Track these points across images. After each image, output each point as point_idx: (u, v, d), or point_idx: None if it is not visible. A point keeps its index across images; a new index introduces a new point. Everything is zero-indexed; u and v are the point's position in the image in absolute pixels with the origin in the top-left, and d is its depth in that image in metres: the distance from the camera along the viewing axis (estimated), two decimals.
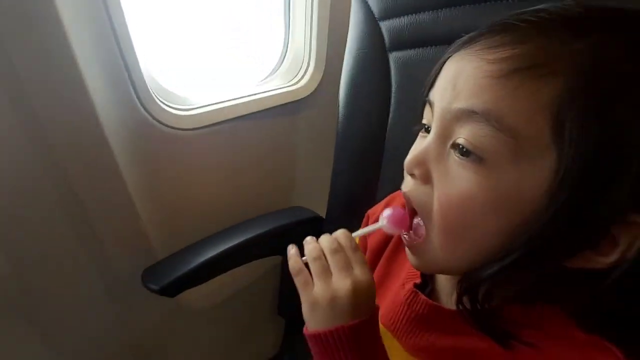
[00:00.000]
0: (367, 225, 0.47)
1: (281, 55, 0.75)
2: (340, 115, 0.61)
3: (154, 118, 0.55)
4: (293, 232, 0.67)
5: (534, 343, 0.27)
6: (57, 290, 0.50)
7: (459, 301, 0.29)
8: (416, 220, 0.31)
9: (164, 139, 0.56)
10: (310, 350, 0.60)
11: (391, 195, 0.47)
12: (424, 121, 0.31)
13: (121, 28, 0.47)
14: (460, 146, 0.25)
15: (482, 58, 0.25)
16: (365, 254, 0.45)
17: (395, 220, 0.32)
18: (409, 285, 0.36)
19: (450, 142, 0.27)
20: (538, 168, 0.23)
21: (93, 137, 0.49)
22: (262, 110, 0.67)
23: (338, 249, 0.31)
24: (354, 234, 0.34)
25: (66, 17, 0.41)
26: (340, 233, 0.33)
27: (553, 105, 0.22)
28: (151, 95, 0.54)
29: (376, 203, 0.58)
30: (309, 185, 0.79)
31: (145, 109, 0.54)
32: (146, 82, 0.53)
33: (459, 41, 0.28)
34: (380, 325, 0.36)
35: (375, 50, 0.55)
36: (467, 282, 0.27)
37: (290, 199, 0.78)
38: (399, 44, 0.52)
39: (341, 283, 0.29)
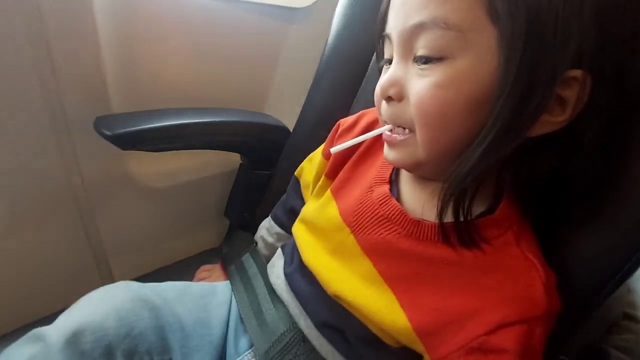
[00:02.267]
0: (336, 132, 0.49)
1: None
2: (333, 27, 0.61)
3: None
4: (258, 134, 0.67)
5: (483, 252, 0.32)
6: None
7: (441, 211, 0.31)
8: None
9: None
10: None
11: (363, 111, 0.49)
12: (386, 56, 0.35)
13: None
14: (422, 57, 0.29)
15: None
16: (329, 160, 0.47)
17: None
18: (383, 189, 0.39)
19: (412, 58, 0.30)
20: (486, 49, 0.27)
21: None
22: (255, 3, 0.65)
23: None
24: (347, 143, 0.37)
25: None
26: None
27: None
28: None
29: None
30: (282, 98, 0.78)
31: None
32: None
33: None
34: (340, 221, 0.40)
35: None
36: (453, 180, 0.30)
37: (261, 106, 0.78)
38: None
39: None
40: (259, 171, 0.70)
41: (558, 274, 0.35)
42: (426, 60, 0.29)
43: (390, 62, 0.34)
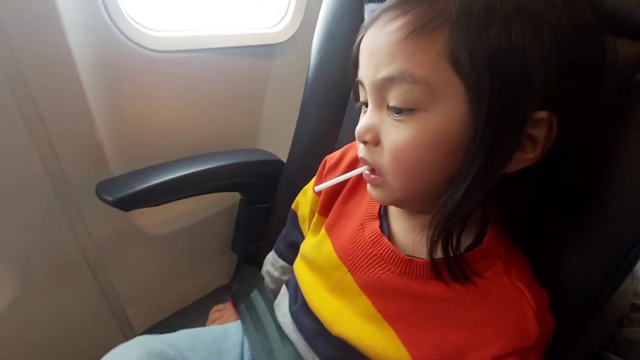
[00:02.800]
0: (324, 168, 0.51)
1: None
2: (311, 61, 0.63)
3: (122, 33, 0.53)
4: (253, 171, 0.69)
5: (475, 285, 0.33)
6: (4, 190, 0.50)
7: (431, 250, 0.32)
8: None
9: (130, 57, 0.55)
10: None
11: (347, 145, 0.51)
12: (362, 99, 0.36)
13: None
14: (394, 108, 0.31)
15: (385, 31, 0.30)
16: (320, 197, 0.49)
17: None
18: (373, 227, 0.40)
19: (385, 106, 0.32)
20: (455, 99, 0.29)
21: (55, 42, 0.47)
22: (235, 47, 0.67)
23: None
24: (328, 183, 0.39)
25: None
26: None
27: (446, 49, 0.28)
28: (119, 8, 0.52)
29: (336, 150, 0.62)
30: (274, 131, 0.80)
31: (112, 21, 0.52)
32: None
33: (365, 23, 0.34)
34: (336, 260, 0.41)
35: (352, 0, 0.57)
36: (438, 221, 0.31)
37: (254, 142, 0.80)
38: None
39: None
40: (259, 205, 0.72)
41: (552, 288, 0.36)
42: (399, 110, 0.30)
43: (366, 104, 0.35)
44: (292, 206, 0.59)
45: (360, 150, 0.36)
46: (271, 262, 0.61)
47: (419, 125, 0.30)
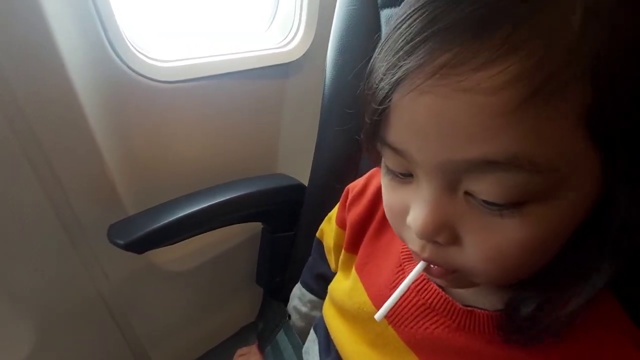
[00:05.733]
0: (346, 198, 0.44)
1: (270, 15, 0.71)
2: (327, 76, 0.58)
3: (128, 67, 0.51)
4: (274, 199, 0.65)
5: (564, 344, 0.25)
6: (15, 237, 0.48)
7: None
8: None
9: (138, 91, 0.53)
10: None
11: (372, 171, 0.44)
12: (390, 167, 0.25)
13: None
14: (491, 204, 0.21)
15: (470, 89, 0.18)
16: (345, 230, 0.43)
17: None
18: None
19: (462, 190, 0.22)
20: (588, 177, 0.20)
21: (57, 82, 0.45)
22: (247, 70, 0.64)
23: None
24: (383, 311, 0.28)
25: None
26: None
27: (583, 115, 0.18)
28: (125, 41, 0.51)
29: (359, 172, 0.56)
30: (293, 153, 0.76)
31: (117, 55, 0.50)
32: (120, 28, 0.49)
33: (404, 64, 0.20)
34: (373, 309, 0.34)
35: (366, 7, 0.52)
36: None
37: (273, 167, 0.76)
38: (391, 1, 0.49)
39: None
40: (282, 233, 0.68)
41: None
42: (499, 205, 0.21)
43: (403, 174, 0.24)
44: (317, 234, 0.53)
45: (423, 248, 0.25)
46: (298, 297, 0.56)
47: (536, 221, 0.21)
